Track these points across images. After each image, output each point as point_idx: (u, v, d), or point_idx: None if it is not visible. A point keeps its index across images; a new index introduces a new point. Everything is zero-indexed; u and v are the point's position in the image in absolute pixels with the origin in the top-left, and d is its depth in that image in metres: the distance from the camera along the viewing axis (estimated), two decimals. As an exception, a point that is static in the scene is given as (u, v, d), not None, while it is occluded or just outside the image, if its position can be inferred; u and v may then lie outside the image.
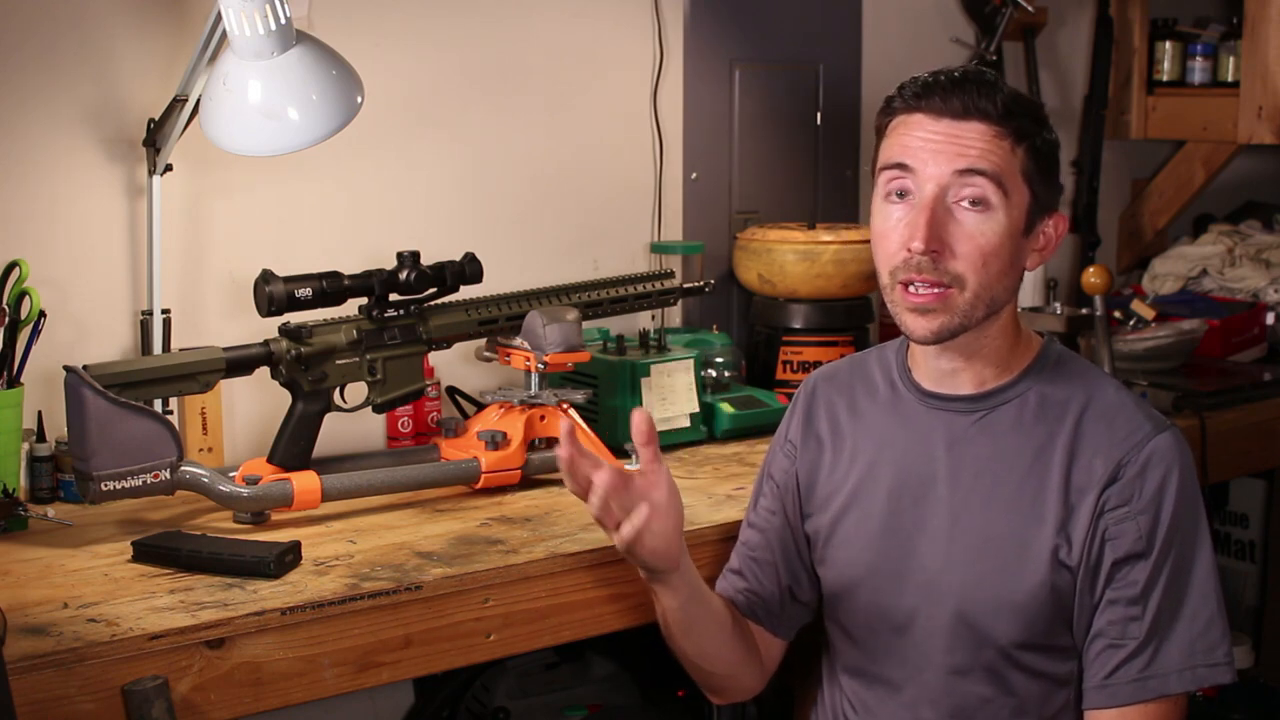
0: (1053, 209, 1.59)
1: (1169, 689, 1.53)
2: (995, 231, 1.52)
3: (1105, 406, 1.59)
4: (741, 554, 1.79)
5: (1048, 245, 1.60)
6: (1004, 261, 1.54)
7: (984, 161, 1.51)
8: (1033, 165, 1.54)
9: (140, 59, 2.09)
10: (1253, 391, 2.71)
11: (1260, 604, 3.21)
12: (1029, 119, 1.54)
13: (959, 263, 1.52)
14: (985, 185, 1.51)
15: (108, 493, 1.79)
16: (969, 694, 1.60)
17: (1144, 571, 1.53)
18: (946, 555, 1.59)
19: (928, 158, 1.52)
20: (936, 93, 1.53)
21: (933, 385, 1.64)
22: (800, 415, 1.76)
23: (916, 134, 1.54)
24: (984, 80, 1.53)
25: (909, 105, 1.55)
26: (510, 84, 2.46)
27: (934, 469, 1.62)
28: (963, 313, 1.54)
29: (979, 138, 1.51)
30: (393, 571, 1.70)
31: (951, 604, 1.58)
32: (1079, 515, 1.54)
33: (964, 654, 1.59)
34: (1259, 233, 3.32)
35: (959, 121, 1.52)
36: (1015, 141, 1.53)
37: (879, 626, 1.65)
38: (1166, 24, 3.35)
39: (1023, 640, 1.57)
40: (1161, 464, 1.54)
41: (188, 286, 2.16)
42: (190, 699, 1.51)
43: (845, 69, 2.87)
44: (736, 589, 1.76)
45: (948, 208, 1.52)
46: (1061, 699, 1.60)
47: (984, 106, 1.51)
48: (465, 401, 2.32)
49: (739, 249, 2.63)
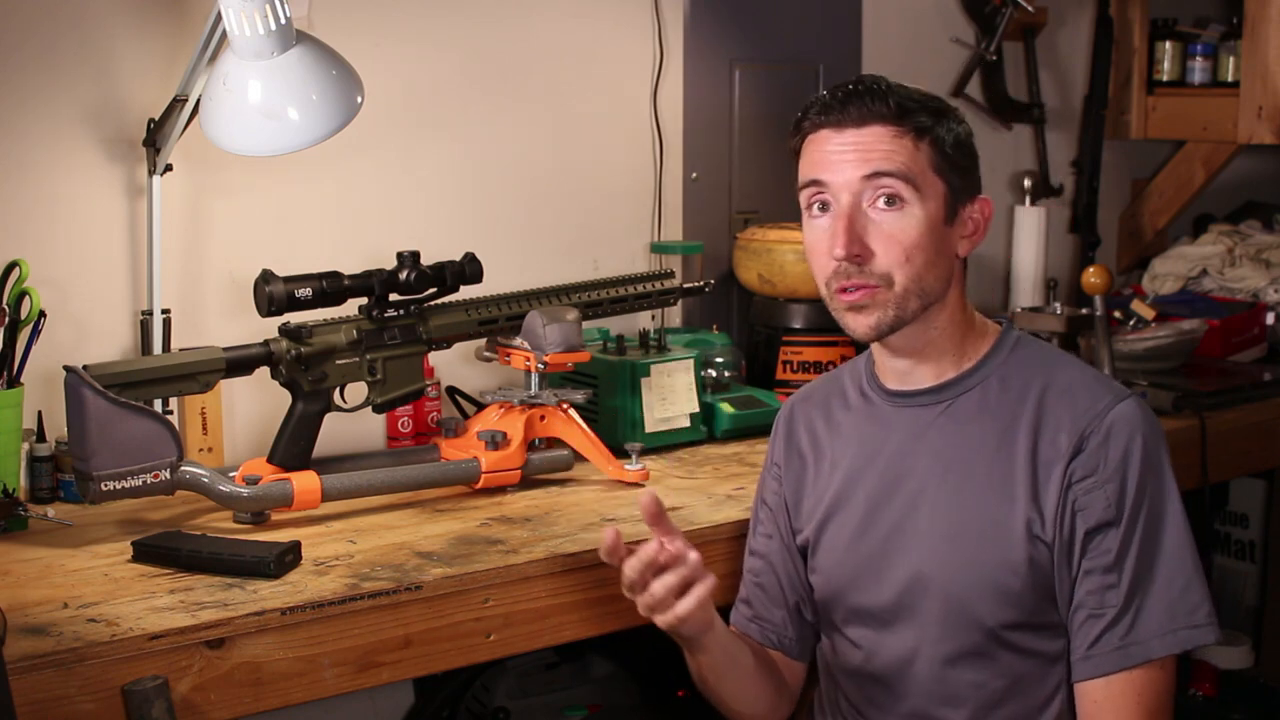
0: (974, 195, 1.65)
1: (1152, 653, 1.54)
2: (914, 226, 1.58)
3: (1066, 383, 1.62)
4: (748, 582, 1.83)
5: (976, 230, 1.65)
6: (928, 253, 1.59)
7: (888, 162, 1.57)
8: (939, 157, 1.59)
9: (140, 59, 2.10)
10: (1253, 391, 2.71)
11: (1260, 604, 3.21)
12: (926, 113, 1.59)
13: (882, 261, 1.58)
14: (895, 184, 1.57)
15: (108, 493, 1.79)
16: (961, 681, 1.61)
17: (1116, 539, 1.55)
18: (928, 546, 1.62)
19: (836, 168, 1.59)
20: (835, 107, 1.60)
21: (896, 384, 1.69)
22: (782, 437, 1.81)
23: (824, 148, 1.61)
24: (876, 87, 1.59)
25: (814, 123, 1.62)
26: (510, 84, 2.46)
27: (907, 464, 1.65)
28: (895, 305, 1.59)
29: (880, 140, 1.58)
30: (393, 571, 1.70)
31: (938, 593, 1.61)
32: (1048, 489, 1.57)
33: (954, 641, 1.61)
34: (1259, 233, 3.32)
35: (860, 128, 1.58)
36: (916, 137, 1.58)
37: (870, 625, 1.67)
38: (1166, 24, 3.35)
39: (1011, 620, 1.58)
40: (1124, 432, 1.57)
41: (188, 286, 2.16)
42: (190, 699, 1.51)
43: (845, 69, 2.86)
44: (748, 619, 1.81)
45: (864, 212, 1.58)
46: (1055, 677, 1.61)
47: (878, 110, 1.58)
48: (465, 401, 2.32)
49: (739, 249, 2.63)
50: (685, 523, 1.91)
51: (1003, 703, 1.61)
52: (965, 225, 1.64)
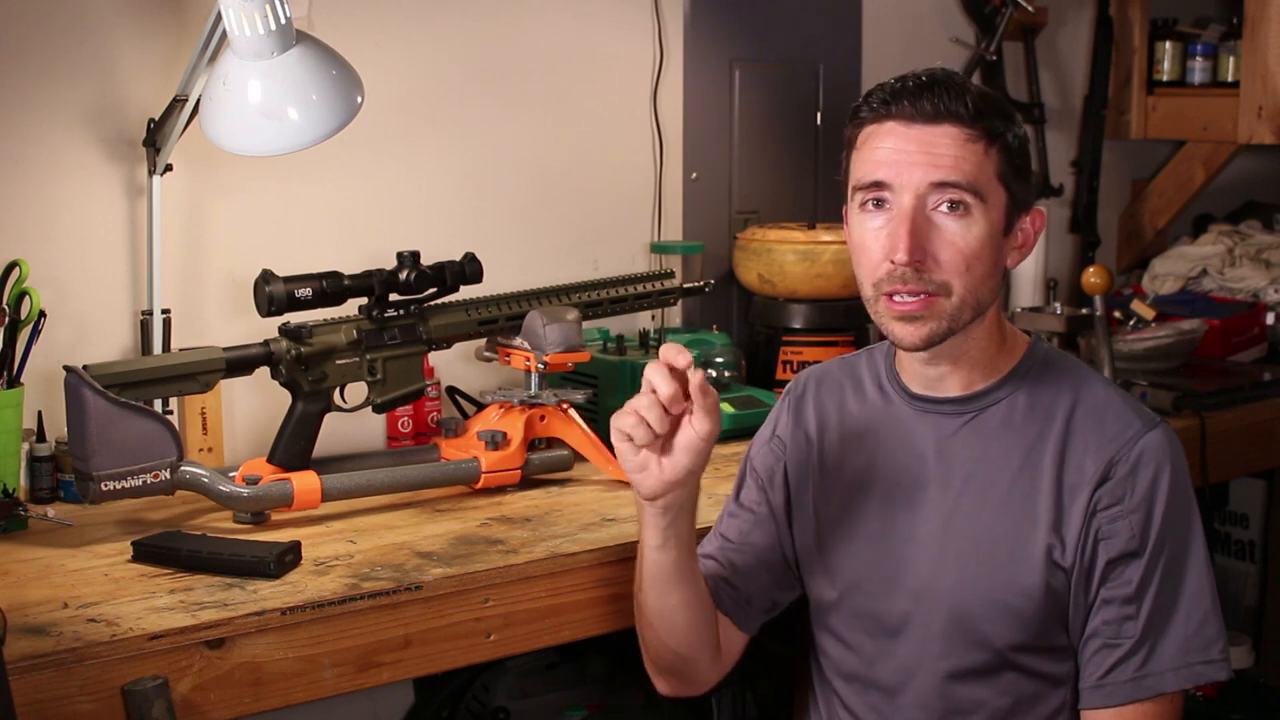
0: (1029, 206, 1.58)
1: (1165, 687, 1.52)
2: (977, 236, 1.50)
3: (1094, 404, 1.58)
4: (717, 542, 1.74)
5: (1026, 242, 1.59)
6: (986, 264, 1.52)
7: (958, 172, 1.48)
8: (1006, 165, 1.52)
9: (140, 59, 2.10)
10: (1253, 391, 2.71)
11: (1260, 604, 3.21)
12: (999, 117, 1.51)
13: (943, 270, 1.50)
14: (962, 193, 1.49)
15: (108, 493, 1.79)
16: (964, 697, 1.59)
17: (1138, 570, 1.52)
18: (939, 559, 1.58)
19: (902, 169, 1.49)
20: (905, 97, 1.49)
21: (921, 389, 1.63)
22: (790, 414, 1.75)
23: (888, 145, 1.50)
24: (953, 81, 1.50)
25: (877, 114, 1.52)
26: (510, 84, 2.46)
27: (924, 473, 1.61)
28: (949, 317, 1.52)
29: (952, 143, 1.48)
30: (393, 571, 1.70)
31: (945, 608, 1.58)
32: (1071, 515, 1.54)
33: (959, 657, 1.58)
34: (1259, 233, 3.32)
35: (931, 126, 1.49)
36: (988, 143, 1.50)
37: (873, 632, 1.64)
38: (1166, 24, 3.35)
39: (1019, 642, 1.56)
40: (1153, 462, 1.53)
41: (188, 286, 2.16)
42: (190, 699, 1.51)
43: (845, 69, 2.87)
44: (707, 574, 1.69)
45: (927, 216, 1.50)
46: (1058, 700, 1.59)
47: (955, 109, 1.48)
48: (465, 401, 2.32)
49: (739, 249, 2.62)
50: (685, 523, 1.91)
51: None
52: (1017, 237, 1.57)
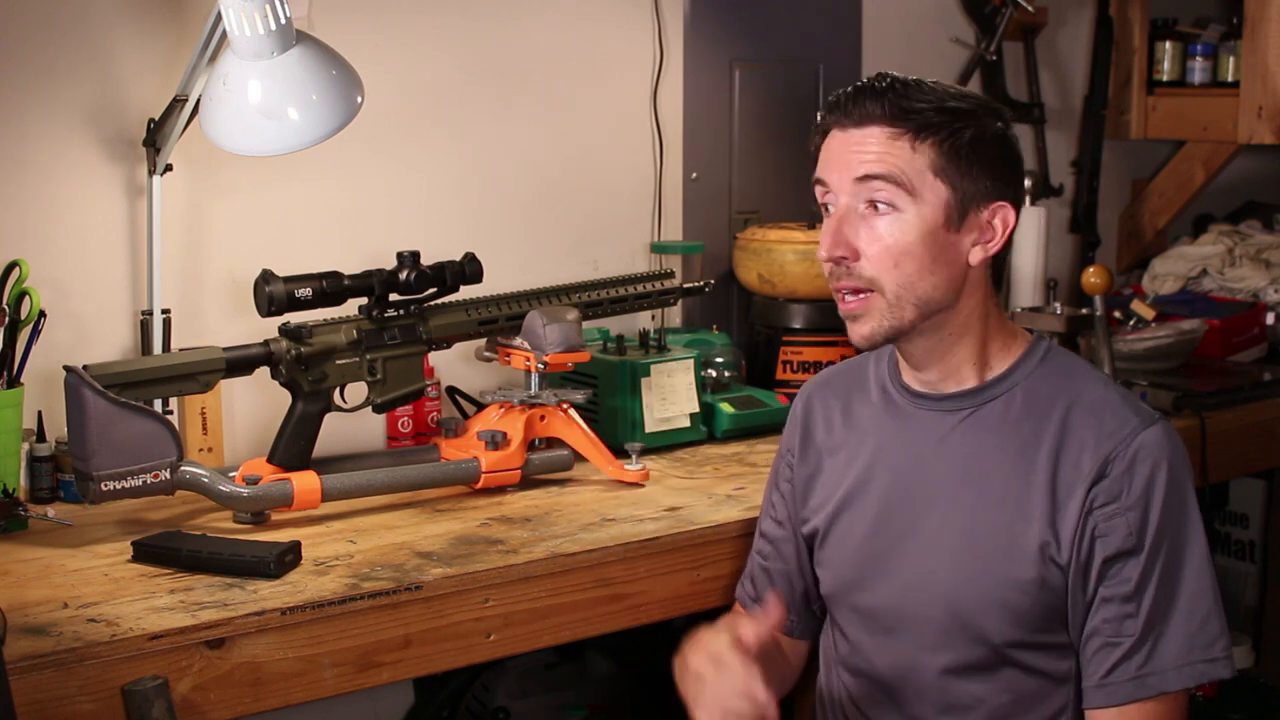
0: (988, 200, 1.57)
1: (1168, 686, 1.52)
2: (904, 231, 1.54)
3: (1092, 402, 1.59)
4: (755, 563, 1.83)
5: (991, 237, 1.59)
6: (920, 260, 1.54)
7: (879, 165, 1.54)
8: (943, 160, 1.54)
9: (140, 59, 2.10)
10: (1253, 391, 2.71)
11: (1260, 604, 3.21)
12: (936, 113, 1.54)
13: (868, 265, 1.55)
14: (885, 187, 1.54)
15: (108, 493, 1.79)
16: (963, 693, 1.60)
17: (1136, 568, 1.52)
18: (935, 554, 1.60)
19: (834, 169, 1.58)
20: (839, 105, 1.58)
21: (920, 386, 1.66)
22: (799, 427, 1.79)
23: (829, 146, 1.59)
24: (877, 87, 1.56)
25: (825, 122, 1.61)
26: (510, 84, 2.46)
27: (923, 468, 1.63)
28: (889, 314, 1.56)
29: (874, 142, 1.54)
30: (393, 571, 1.70)
31: (942, 602, 1.59)
32: (1067, 512, 1.54)
33: (957, 653, 1.59)
34: (1259, 233, 3.32)
35: (859, 129, 1.56)
36: (915, 139, 1.54)
37: (872, 626, 1.66)
38: (1166, 24, 3.35)
39: (1016, 638, 1.57)
40: (1149, 459, 1.54)
41: (188, 286, 2.16)
42: (190, 699, 1.51)
43: (845, 69, 2.86)
44: (751, 597, 1.82)
45: (860, 214, 1.56)
46: (1061, 698, 1.60)
47: (874, 111, 1.54)
48: (465, 401, 2.32)
49: (739, 249, 2.63)
50: (685, 523, 1.91)
51: (1008, 718, 1.60)
52: (977, 231, 1.57)
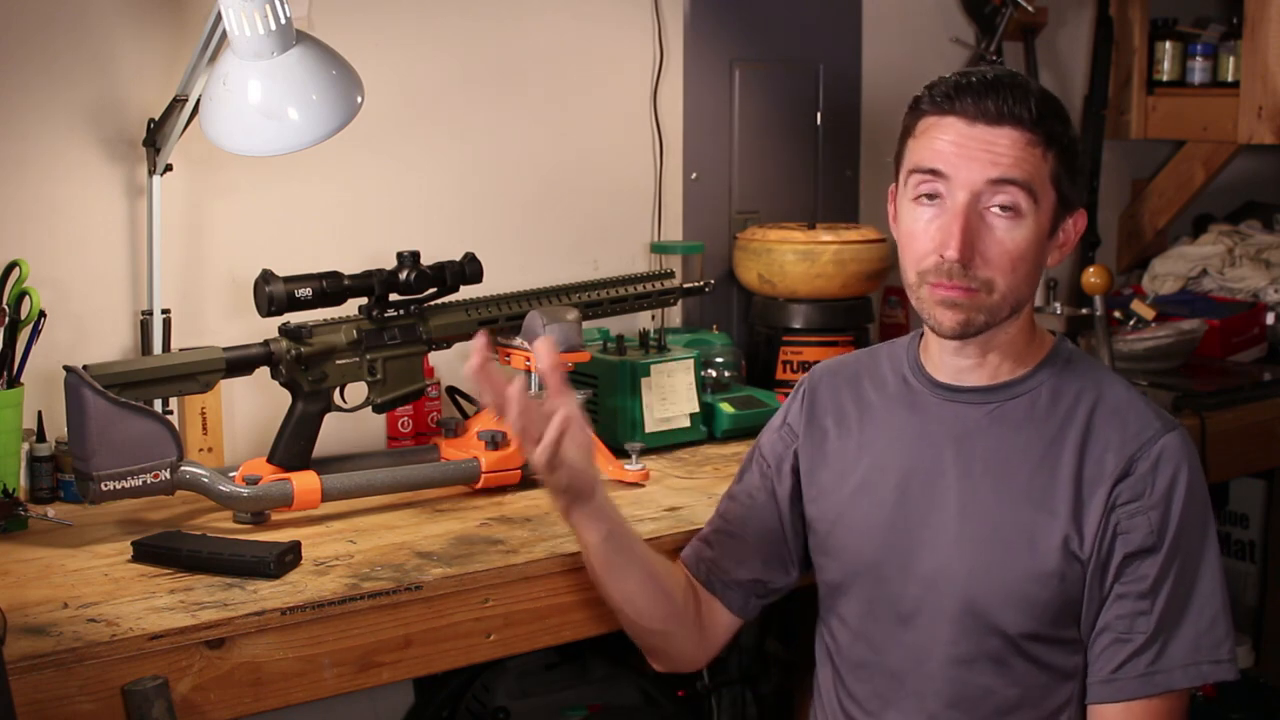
0: (1075, 208, 1.60)
1: (1174, 684, 1.54)
2: (1025, 237, 1.53)
3: (1116, 403, 1.60)
4: (715, 524, 1.78)
5: (1068, 242, 1.61)
6: (1030, 264, 1.55)
7: (1017, 170, 1.50)
8: (1061, 168, 1.54)
9: (140, 59, 2.10)
10: (1253, 391, 2.72)
11: (1260, 604, 3.21)
12: (1059, 121, 1.54)
13: (988, 268, 1.53)
14: (1017, 193, 1.51)
15: (108, 493, 1.79)
16: (972, 684, 1.60)
17: (1154, 567, 1.54)
18: (955, 545, 1.60)
19: (960, 164, 1.51)
20: (969, 95, 1.51)
21: (946, 378, 1.65)
22: (804, 403, 1.76)
23: (948, 138, 1.52)
24: (1017, 83, 1.52)
25: (939, 107, 1.53)
26: (510, 84, 2.46)
27: (944, 460, 1.63)
28: (989, 311, 1.55)
29: (1012, 145, 1.50)
30: (393, 571, 1.69)
31: (958, 593, 1.59)
32: (1090, 508, 1.55)
33: (969, 644, 1.59)
34: (1259, 233, 3.32)
35: (992, 127, 1.50)
36: (1046, 147, 1.52)
37: (883, 616, 1.65)
38: (1166, 24, 3.35)
39: (1030, 631, 1.57)
40: (1172, 462, 1.56)
41: (188, 286, 2.16)
42: (190, 699, 1.51)
43: (845, 69, 2.87)
44: (700, 557, 1.76)
45: (979, 214, 1.52)
46: (1066, 693, 1.60)
47: (1018, 112, 1.50)
48: (465, 401, 2.33)
49: (739, 249, 2.63)
50: (685, 523, 1.91)
51: (1012, 712, 1.60)
52: (1059, 236, 1.59)
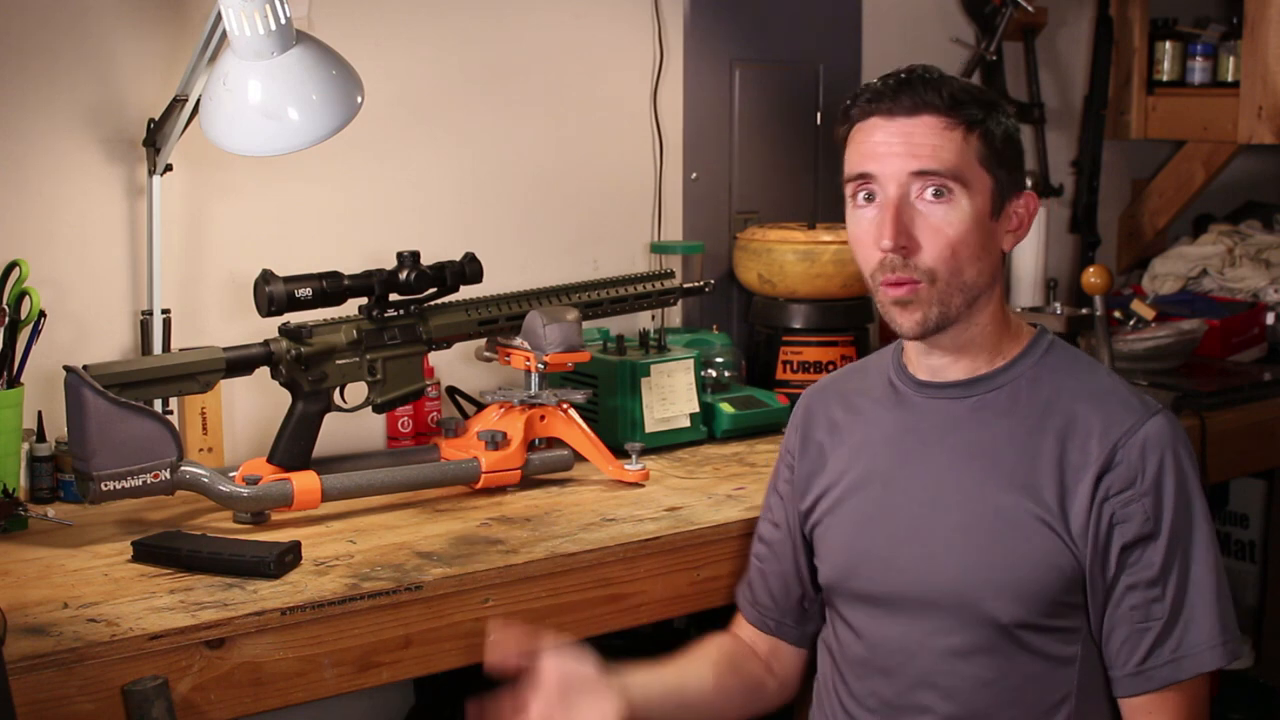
0: (1019, 189, 1.64)
1: (1204, 666, 1.54)
2: (960, 220, 1.57)
3: (1098, 390, 1.62)
4: (754, 567, 1.83)
5: (1020, 225, 1.65)
6: (972, 248, 1.58)
7: (936, 160, 1.56)
8: (988, 151, 1.58)
9: (140, 59, 2.09)
10: (1253, 391, 2.71)
11: (1260, 604, 3.21)
12: (977, 106, 1.58)
13: (927, 255, 1.57)
14: (943, 178, 1.56)
15: (108, 493, 1.79)
16: (969, 676, 1.60)
17: (1158, 552, 1.55)
18: (944, 537, 1.61)
19: (886, 160, 1.57)
20: (886, 95, 1.58)
21: (926, 376, 1.68)
22: (799, 428, 1.80)
23: (873, 139, 1.59)
24: (928, 76, 1.58)
25: (863, 111, 1.61)
26: (510, 84, 2.46)
27: (930, 454, 1.65)
28: (940, 303, 1.58)
29: (930, 132, 1.56)
30: (393, 571, 1.70)
31: (950, 585, 1.60)
32: (1077, 495, 1.57)
33: (963, 635, 1.60)
34: (1259, 233, 3.32)
35: (910, 118, 1.57)
36: (966, 130, 1.57)
37: (877, 610, 1.66)
38: (1166, 24, 3.35)
39: (1024, 620, 1.58)
40: (1158, 446, 1.57)
41: (188, 286, 2.16)
42: (190, 699, 1.51)
43: (845, 69, 2.87)
44: (749, 602, 1.83)
45: (911, 203, 1.57)
46: (1065, 683, 1.60)
47: (931, 99, 1.56)
48: (465, 401, 2.32)
49: (739, 249, 2.63)
50: (685, 523, 1.91)
51: (1010, 703, 1.60)
52: (1009, 220, 1.63)
